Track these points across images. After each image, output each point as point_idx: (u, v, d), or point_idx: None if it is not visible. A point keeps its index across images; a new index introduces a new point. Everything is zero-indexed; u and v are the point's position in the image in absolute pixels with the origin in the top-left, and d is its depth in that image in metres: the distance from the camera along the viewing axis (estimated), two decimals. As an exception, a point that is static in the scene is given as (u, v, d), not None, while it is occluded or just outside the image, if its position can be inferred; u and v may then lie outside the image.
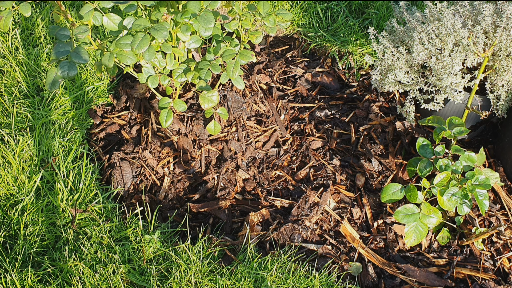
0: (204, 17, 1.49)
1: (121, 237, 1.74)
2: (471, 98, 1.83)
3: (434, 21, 1.86)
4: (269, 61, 2.41)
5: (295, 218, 1.78)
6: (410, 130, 2.04)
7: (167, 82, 1.76)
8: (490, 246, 1.74)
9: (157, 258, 1.68)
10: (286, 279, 1.61)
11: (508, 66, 1.81)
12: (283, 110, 2.17)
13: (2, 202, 1.79)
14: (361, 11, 2.55)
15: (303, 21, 2.50)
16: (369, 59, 2.10)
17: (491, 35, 1.80)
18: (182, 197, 1.90)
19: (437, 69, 1.83)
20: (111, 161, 1.97)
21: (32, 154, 1.92)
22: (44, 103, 2.11)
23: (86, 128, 2.10)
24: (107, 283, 1.59)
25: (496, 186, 1.86)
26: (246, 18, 1.66)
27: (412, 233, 1.64)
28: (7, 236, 1.72)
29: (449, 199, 1.62)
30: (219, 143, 2.01)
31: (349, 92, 2.26)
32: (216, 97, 1.76)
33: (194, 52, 2.26)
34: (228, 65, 1.64)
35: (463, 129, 1.70)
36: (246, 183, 1.92)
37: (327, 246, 1.72)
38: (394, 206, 1.82)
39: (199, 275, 1.60)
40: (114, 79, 2.27)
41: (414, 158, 1.77)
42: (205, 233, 1.78)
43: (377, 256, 1.71)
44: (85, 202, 1.82)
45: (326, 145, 2.03)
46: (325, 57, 2.42)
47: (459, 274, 1.67)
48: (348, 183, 1.92)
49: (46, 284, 1.60)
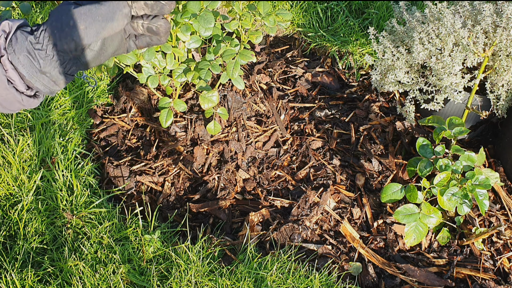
0: (204, 17, 1.49)
1: (121, 237, 1.74)
2: (471, 98, 1.83)
3: (434, 21, 1.86)
4: (269, 61, 2.41)
5: (295, 218, 1.78)
6: (410, 130, 2.04)
7: (167, 82, 1.76)
8: (490, 246, 1.74)
9: (157, 258, 1.68)
10: (286, 279, 1.61)
11: (508, 66, 1.81)
12: (283, 110, 2.17)
13: (2, 202, 1.79)
14: (361, 11, 2.55)
15: (303, 21, 2.50)
16: (369, 59, 2.10)
17: (491, 35, 1.80)
18: (182, 197, 1.90)
19: (437, 69, 1.83)
20: (111, 161, 1.97)
21: (32, 154, 1.92)
22: (44, 103, 2.11)
23: (86, 128, 2.10)
24: (107, 283, 1.59)
25: (496, 186, 1.86)
26: (246, 18, 1.66)
27: (412, 233, 1.64)
28: (7, 236, 1.72)
29: (449, 199, 1.62)
30: (220, 144, 2.01)
31: (349, 92, 2.26)
32: (216, 97, 1.76)
33: (194, 52, 2.26)
34: (228, 65, 1.64)
35: (463, 129, 1.70)
36: (246, 183, 1.92)
37: (327, 246, 1.72)
38: (394, 206, 1.82)
39: (199, 275, 1.60)
40: (114, 79, 2.27)
41: (414, 158, 1.77)
42: (205, 233, 1.78)
43: (377, 256, 1.71)
44: (85, 202, 1.82)
45: (326, 145, 2.03)
46: (325, 57, 2.42)
47: (459, 274, 1.67)
48: (348, 183, 1.92)
49: (46, 284, 1.60)
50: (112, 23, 0.76)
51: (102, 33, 0.76)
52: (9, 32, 0.75)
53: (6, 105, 0.78)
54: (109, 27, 0.76)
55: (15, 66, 0.75)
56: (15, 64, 0.75)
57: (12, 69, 0.75)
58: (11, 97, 0.77)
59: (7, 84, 0.75)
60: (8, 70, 0.75)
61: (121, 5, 0.76)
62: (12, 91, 0.76)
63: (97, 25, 0.75)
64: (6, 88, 0.76)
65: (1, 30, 0.75)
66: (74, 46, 0.76)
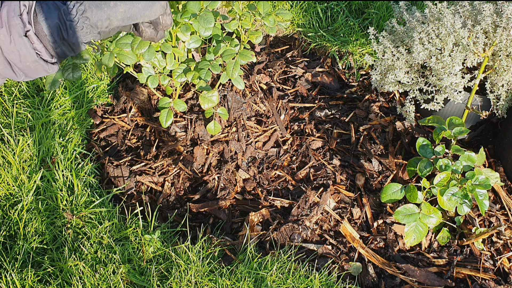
0: (204, 17, 1.49)
1: (121, 237, 1.74)
2: (471, 98, 1.83)
3: (434, 21, 1.86)
4: (269, 61, 2.41)
5: (295, 218, 1.78)
6: (410, 130, 2.04)
7: (167, 82, 1.76)
8: (490, 246, 1.74)
9: (157, 258, 1.68)
10: (286, 279, 1.61)
11: (508, 66, 1.81)
12: (283, 110, 2.17)
13: (2, 202, 1.79)
14: (361, 11, 2.55)
15: (303, 21, 2.50)
16: (369, 59, 2.10)
17: (491, 35, 1.80)
18: (182, 197, 1.90)
19: (437, 69, 1.83)
20: (111, 161, 1.97)
21: (32, 154, 1.92)
22: (44, 103, 2.11)
23: (86, 128, 2.10)
24: (107, 283, 1.59)
25: (496, 186, 1.86)
26: (246, 18, 1.66)
27: (412, 233, 1.64)
28: (7, 236, 1.72)
29: (449, 199, 1.62)
30: (220, 144, 2.01)
31: (349, 92, 2.26)
32: (216, 97, 1.76)
33: (194, 52, 2.25)
34: (228, 65, 1.64)
35: (463, 129, 1.70)
36: (246, 183, 1.92)
37: (327, 246, 1.72)
38: (394, 206, 1.82)
39: (199, 275, 1.60)
40: (114, 79, 2.27)
41: (414, 158, 1.77)
42: (205, 233, 1.78)
43: (377, 256, 1.71)
44: (85, 202, 1.82)
45: (326, 145, 2.03)
46: (325, 57, 2.42)
47: (459, 274, 1.67)
48: (348, 183, 1.92)
49: (46, 284, 1.60)
50: (150, 12, 0.82)
51: (137, 19, 0.82)
52: (30, 6, 0.78)
53: (32, 75, 0.83)
54: (146, 15, 0.82)
55: (40, 37, 0.79)
56: (45, 31, 0.78)
57: (38, 41, 0.79)
58: (39, 67, 0.82)
59: (36, 57, 0.80)
60: (34, 42, 0.78)
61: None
62: (41, 62, 0.81)
63: (135, 11, 0.80)
64: (35, 61, 0.80)
65: (22, 5, 0.77)
66: (107, 24, 0.80)
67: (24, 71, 0.81)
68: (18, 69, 0.81)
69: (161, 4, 0.83)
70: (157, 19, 0.86)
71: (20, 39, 0.77)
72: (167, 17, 0.86)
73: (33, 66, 0.81)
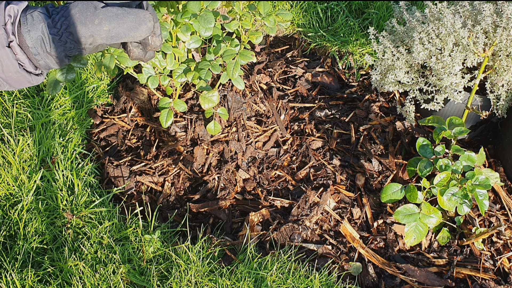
0: (204, 17, 1.49)
1: (121, 237, 1.74)
2: (471, 98, 1.83)
3: (434, 21, 1.86)
4: (269, 61, 2.41)
5: (295, 218, 1.78)
6: (410, 130, 2.04)
7: (167, 82, 1.76)
8: (490, 246, 1.74)
9: (157, 258, 1.68)
10: (286, 279, 1.61)
11: (508, 66, 1.81)
12: (283, 110, 2.17)
13: (2, 202, 1.79)
14: (361, 11, 2.55)
15: (303, 21, 2.50)
16: (369, 59, 2.10)
17: (491, 35, 1.80)
18: (182, 197, 1.90)
19: (437, 69, 1.83)
20: (111, 161, 1.97)
21: (32, 154, 1.92)
22: (44, 103, 2.11)
23: (86, 128, 2.10)
24: (107, 283, 1.59)
25: (496, 186, 1.86)
26: (246, 18, 1.66)
27: (412, 233, 1.64)
28: (7, 236, 1.72)
29: (449, 199, 1.62)
30: (220, 144, 2.01)
31: (349, 92, 2.26)
32: (216, 97, 1.76)
33: (194, 52, 2.26)
34: (228, 65, 1.64)
35: (463, 129, 1.70)
36: (246, 183, 1.92)
37: (327, 246, 1.72)
38: (394, 206, 1.82)
39: (199, 275, 1.60)
40: (114, 79, 2.27)
41: (414, 158, 1.77)
42: (205, 233, 1.78)
43: (377, 256, 1.71)
44: (85, 202, 1.82)
45: (326, 145, 2.03)
46: (325, 57, 2.42)
47: (459, 274, 1.67)
48: (348, 183, 1.92)
49: (46, 284, 1.60)
50: (135, 33, 0.81)
51: (123, 39, 0.81)
52: (15, 16, 0.77)
53: (15, 85, 0.83)
54: (131, 35, 0.81)
55: (23, 48, 0.79)
56: (28, 43, 0.78)
57: (21, 53, 0.79)
58: (22, 78, 0.82)
59: (18, 68, 0.80)
60: (17, 53, 0.78)
61: (147, 19, 0.81)
62: (23, 73, 0.81)
63: (120, 31, 0.80)
64: (17, 72, 0.80)
65: (7, 15, 0.77)
66: (91, 40, 0.80)
67: (7, 81, 0.81)
68: (1, 79, 0.81)
69: (147, 26, 0.81)
70: (145, 39, 0.85)
71: (2, 49, 0.77)
72: (156, 38, 0.85)
73: (16, 77, 0.81)
